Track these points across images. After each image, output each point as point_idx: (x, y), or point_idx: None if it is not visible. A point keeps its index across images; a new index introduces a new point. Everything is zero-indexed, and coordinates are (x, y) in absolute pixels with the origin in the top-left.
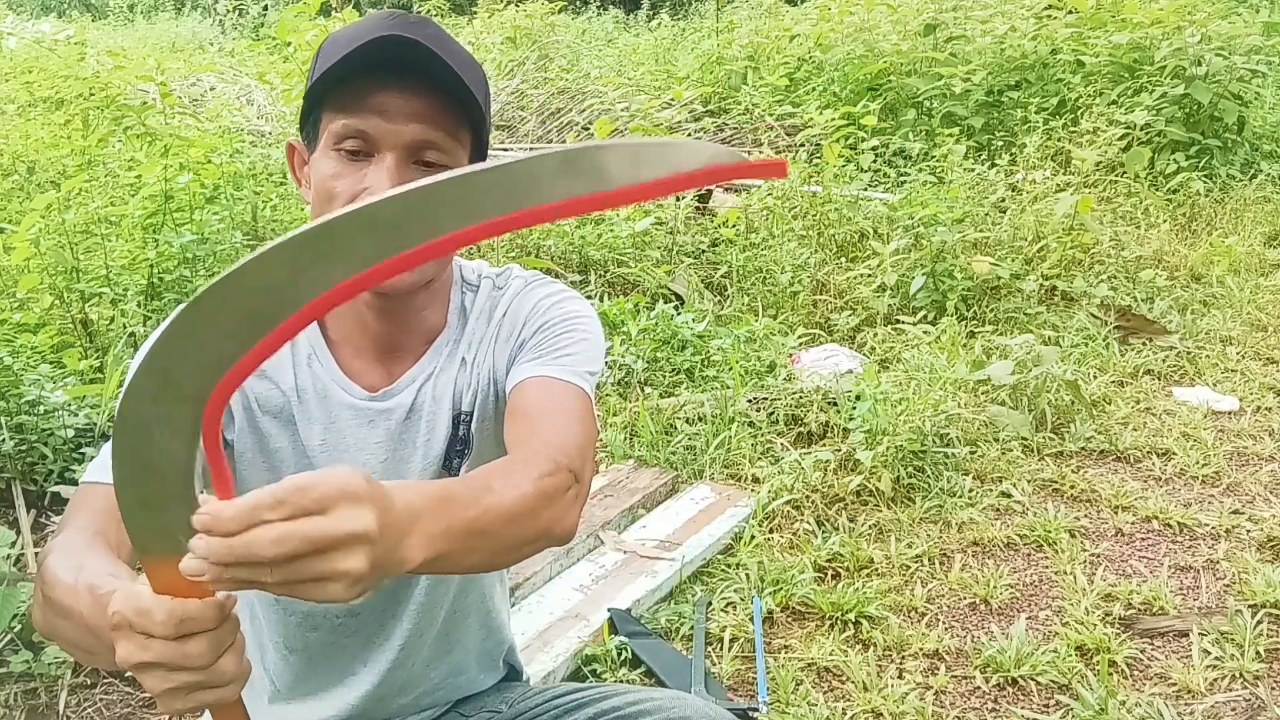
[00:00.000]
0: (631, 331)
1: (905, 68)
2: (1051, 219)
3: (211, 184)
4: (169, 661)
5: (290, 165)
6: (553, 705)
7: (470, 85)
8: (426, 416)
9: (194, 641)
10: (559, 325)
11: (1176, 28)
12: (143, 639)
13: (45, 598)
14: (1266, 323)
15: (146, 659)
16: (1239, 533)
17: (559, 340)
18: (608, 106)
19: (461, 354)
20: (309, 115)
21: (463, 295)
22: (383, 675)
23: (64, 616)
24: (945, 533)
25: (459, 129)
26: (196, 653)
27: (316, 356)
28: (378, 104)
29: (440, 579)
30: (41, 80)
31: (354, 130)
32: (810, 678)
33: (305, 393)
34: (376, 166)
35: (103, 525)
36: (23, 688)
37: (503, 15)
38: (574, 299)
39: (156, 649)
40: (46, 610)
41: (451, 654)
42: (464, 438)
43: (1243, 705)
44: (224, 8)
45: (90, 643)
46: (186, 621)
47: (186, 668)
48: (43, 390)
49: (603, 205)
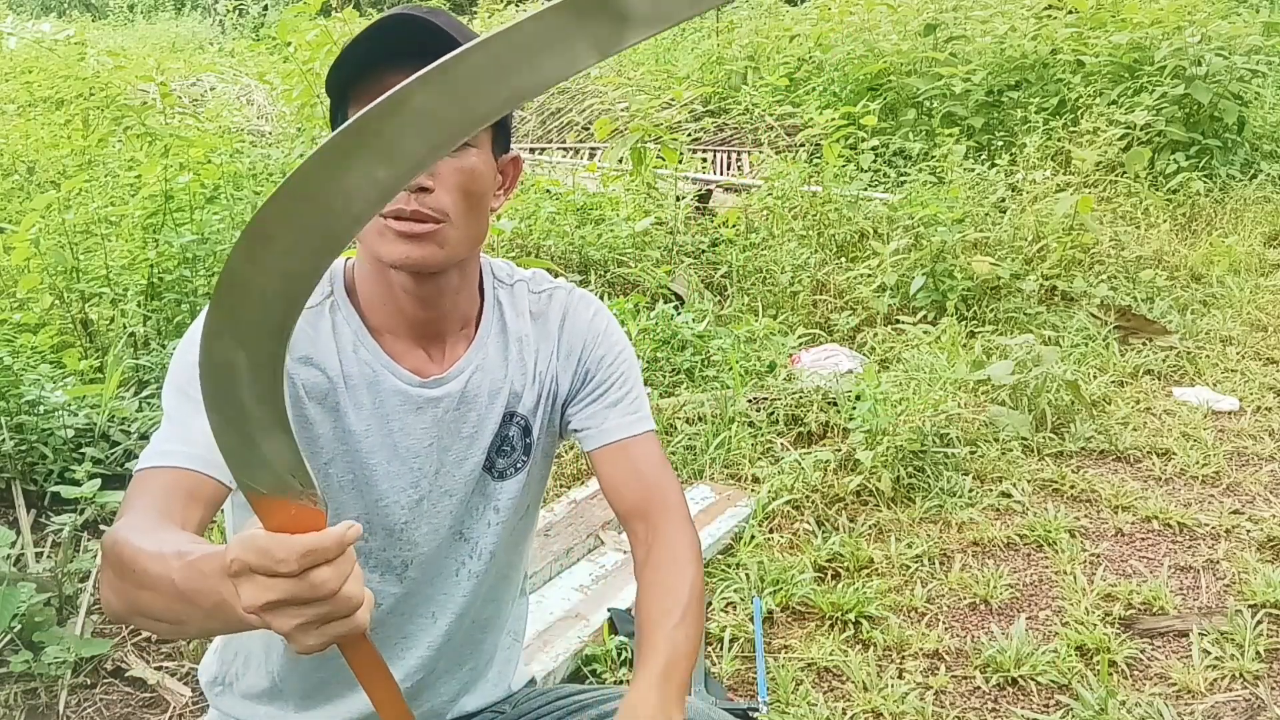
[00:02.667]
0: (631, 331)
1: (905, 68)
2: (1051, 219)
3: (211, 184)
4: (296, 596)
5: None
6: (555, 706)
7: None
8: (478, 408)
9: (318, 572)
10: (623, 363)
11: (1176, 28)
12: (266, 580)
13: (122, 573)
14: (1266, 323)
15: (273, 598)
16: (1239, 533)
17: (627, 381)
18: (608, 106)
19: (516, 351)
20: (336, 112)
21: (495, 288)
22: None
23: (149, 588)
24: (945, 533)
25: None
26: (321, 582)
27: (362, 344)
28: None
29: (478, 581)
30: (41, 80)
31: None
32: (810, 678)
33: (353, 379)
34: None
35: (165, 506)
36: (23, 688)
37: (503, 15)
38: (615, 320)
39: (282, 586)
40: (123, 587)
41: (464, 667)
42: (511, 440)
43: (1243, 705)
44: (224, 8)
45: (178, 610)
46: (309, 554)
47: (314, 600)
48: (43, 390)
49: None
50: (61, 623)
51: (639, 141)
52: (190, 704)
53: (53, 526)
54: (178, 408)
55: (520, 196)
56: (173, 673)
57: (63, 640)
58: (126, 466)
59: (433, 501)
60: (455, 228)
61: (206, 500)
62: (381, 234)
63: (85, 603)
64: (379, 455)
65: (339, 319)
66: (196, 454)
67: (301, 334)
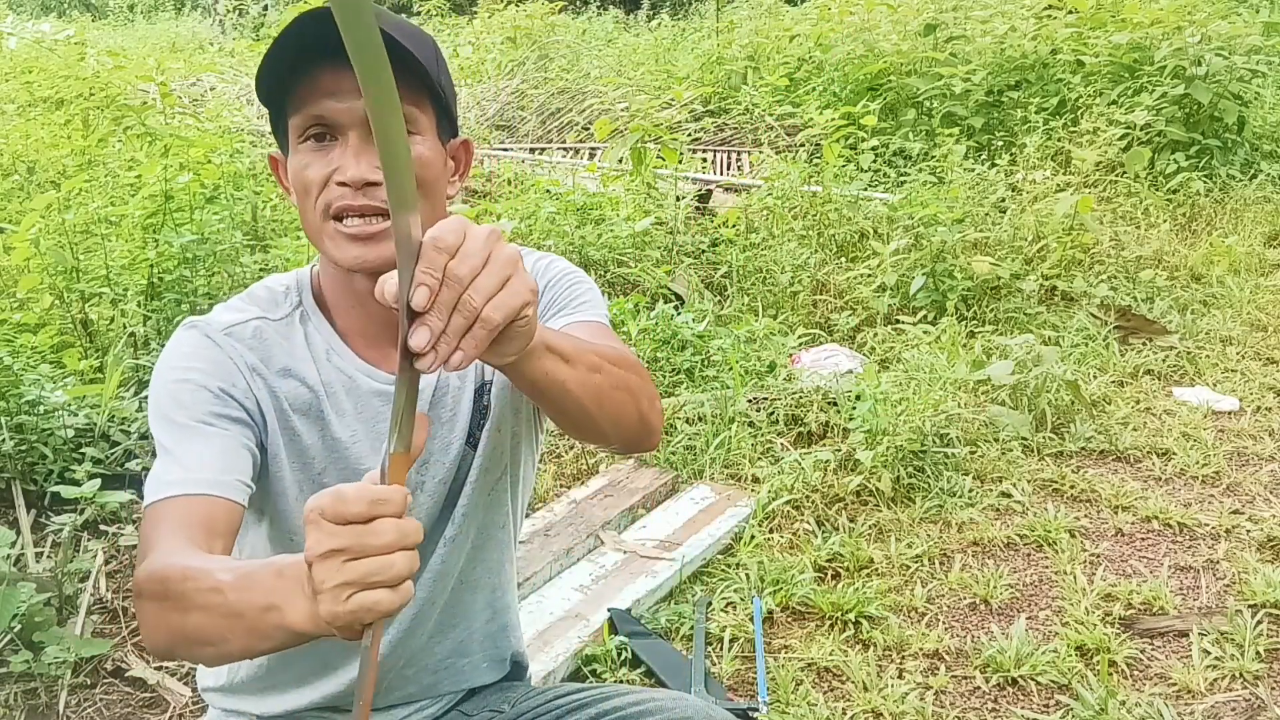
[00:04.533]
0: (631, 331)
1: (905, 68)
2: (1051, 219)
3: (211, 184)
4: (353, 546)
5: (277, 178)
6: (554, 705)
7: (412, 49)
8: (452, 393)
9: (380, 523)
10: (564, 280)
11: (1176, 28)
12: (332, 526)
13: (167, 598)
14: (1266, 323)
15: (333, 545)
16: (1239, 533)
17: (572, 292)
18: (608, 106)
19: None
20: (277, 124)
21: None
22: (389, 644)
23: (198, 607)
24: (945, 533)
25: (417, 95)
26: (381, 532)
27: (335, 351)
28: (326, 86)
29: (454, 545)
30: (41, 80)
31: (312, 119)
32: (810, 678)
33: (332, 386)
34: (342, 148)
35: (189, 535)
36: (23, 688)
37: (503, 15)
38: (561, 259)
39: (344, 534)
40: (168, 615)
41: (456, 629)
42: (485, 406)
43: (1243, 705)
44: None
45: (225, 627)
46: (378, 502)
47: (366, 554)
48: (43, 390)
49: None
50: (61, 623)
51: (639, 141)
52: (190, 704)
53: (53, 526)
54: (170, 436)
55: (520, 196)
56: (173, 673)
57: (63, 640)
58: (127, 466)
59: (427, 491)
60: None
61: (224, 527)
62: (332, 238)
63: (85, 603)
64: (370, 459)
65: (310, 329)
66: (203, 478)
67: (277, 347)
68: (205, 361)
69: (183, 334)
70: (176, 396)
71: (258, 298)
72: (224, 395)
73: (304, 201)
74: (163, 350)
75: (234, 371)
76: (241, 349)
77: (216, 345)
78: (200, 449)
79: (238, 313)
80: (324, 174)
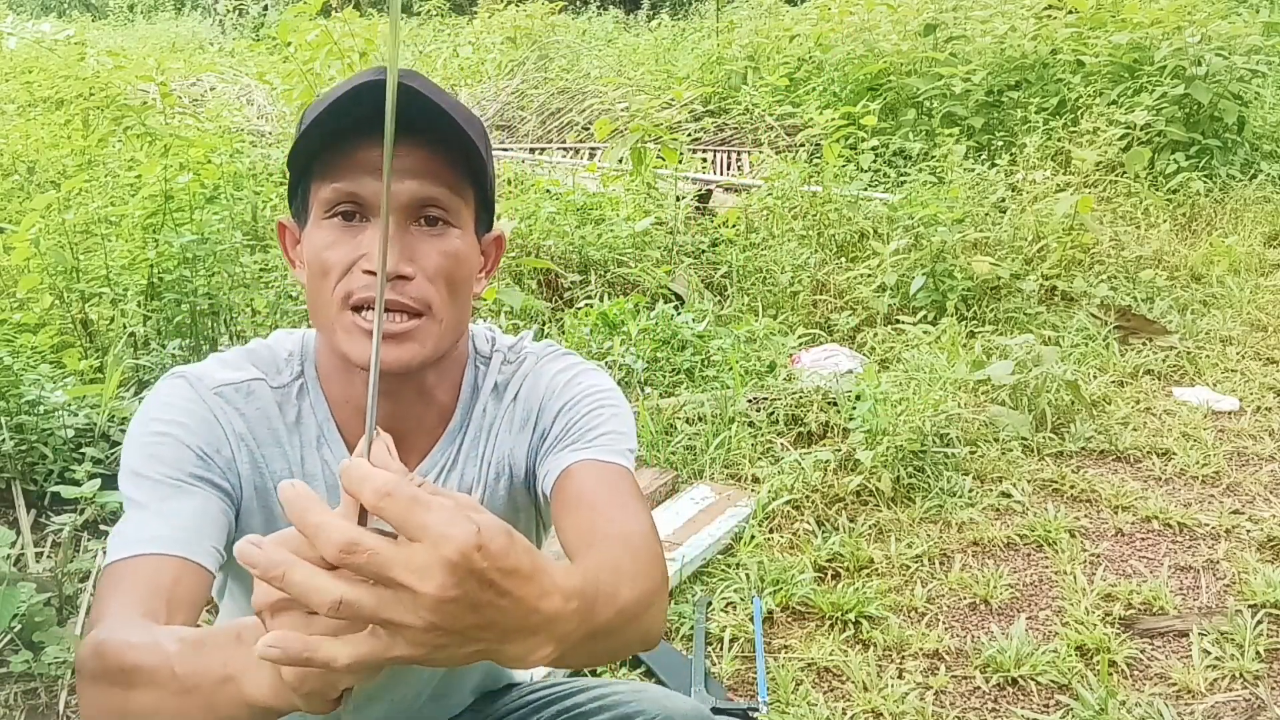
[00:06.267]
0: (631, 331)
1: (905, 68)
2: (1051, 219)
3: (211, 184)
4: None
5: (282, 246)
6: (525, 703)
7: (470, 134)
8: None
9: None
10: (585, 403)
11: (1176, 28)
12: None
13: (108, 677)
14: (1266, 323)
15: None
16: (1239, 533)
17: (590, 419)
18: (608, 106)
19: (473, 447)
20: (296, 188)
21: (475, 370)
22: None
23: (142, 685)
24: (945, 533)
25: (460, 183)
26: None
27: (326, 441)
28: (368, 162)
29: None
30: (41, 80)
31: (345, 194)
32: (810, 678)
33: (314, 479)
34: (374, 230)
35: (149, 607)
36: (23, 688)
37: (503, 15)
38: (591, 371)
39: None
40: (109, 694)
41: (449, 696)
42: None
43: (1243, 705)
44: (224, 8)
45: (176, 706)
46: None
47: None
48: (43, 390)
49: None
50: (61, 623)
51: (639, 141)
52: None
53: (53, 526)
54: (142, 492)
55: (520, 196)
56: None
57: (63, 640)
58: None
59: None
60: (437, 321)
61: (190, 596)
62: (348, 331)
63: (85, 603)
64: None
65: (305, 407)
66: (175, 537)
67: (270, 419)
68: (190, 418)
69: (169, 384)
70: (155, 451)
71: (259, 357)
72: (206, 458)
73: (319, 283)
74: (145, 398)
75: (220, 437)
76: (231, 413)
77: (204, 403)
78: (175, 507)
79: (234, 370)
80: (350, 258)
